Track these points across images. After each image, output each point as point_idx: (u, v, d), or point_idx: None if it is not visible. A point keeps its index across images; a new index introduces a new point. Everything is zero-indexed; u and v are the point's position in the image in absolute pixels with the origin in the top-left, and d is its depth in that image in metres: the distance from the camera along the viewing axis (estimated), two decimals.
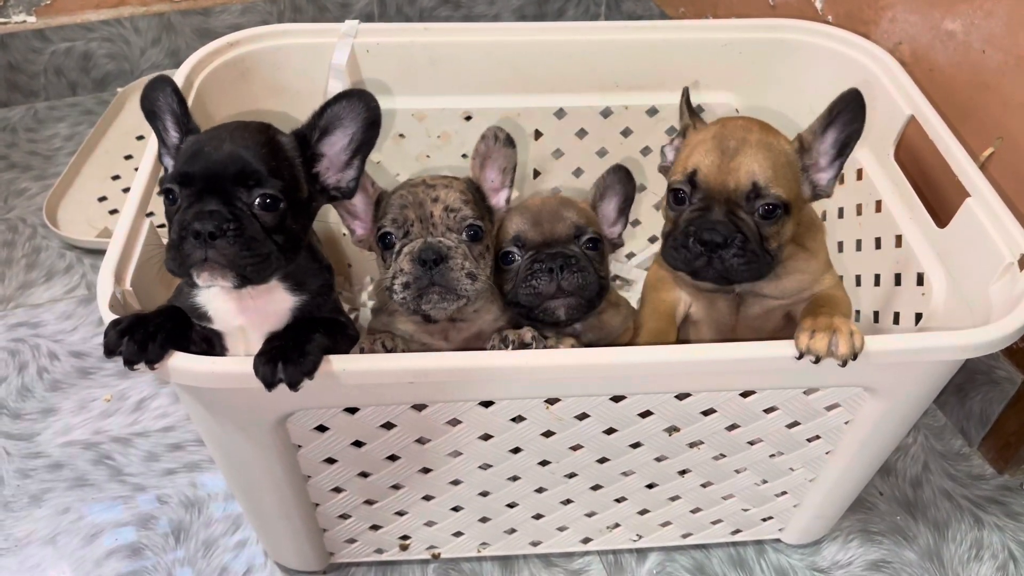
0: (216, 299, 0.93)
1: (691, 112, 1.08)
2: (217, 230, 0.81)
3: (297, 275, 0.95)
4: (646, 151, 1.43)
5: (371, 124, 0.94)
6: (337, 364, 0.83)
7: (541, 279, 1.00)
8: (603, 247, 1.08)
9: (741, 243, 0.93)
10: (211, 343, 0.93)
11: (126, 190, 1.74)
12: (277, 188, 0.85)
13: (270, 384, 0.80)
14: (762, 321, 1.06)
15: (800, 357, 0.86)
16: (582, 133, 1.40)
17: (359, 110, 0.93)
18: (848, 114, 0.98)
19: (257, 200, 0.85)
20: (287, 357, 0.81)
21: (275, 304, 0.94)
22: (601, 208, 1.14)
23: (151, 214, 0.99)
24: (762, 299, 1.04)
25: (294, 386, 0.81)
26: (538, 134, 1.39)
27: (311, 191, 0.93)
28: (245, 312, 0.93)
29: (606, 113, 1.39)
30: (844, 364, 0.86)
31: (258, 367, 0.81)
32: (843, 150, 1.00)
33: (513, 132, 1.37)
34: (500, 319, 1.06)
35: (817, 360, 0.86)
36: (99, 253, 1.64)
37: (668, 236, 0.99)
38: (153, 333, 0.81)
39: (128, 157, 1.83)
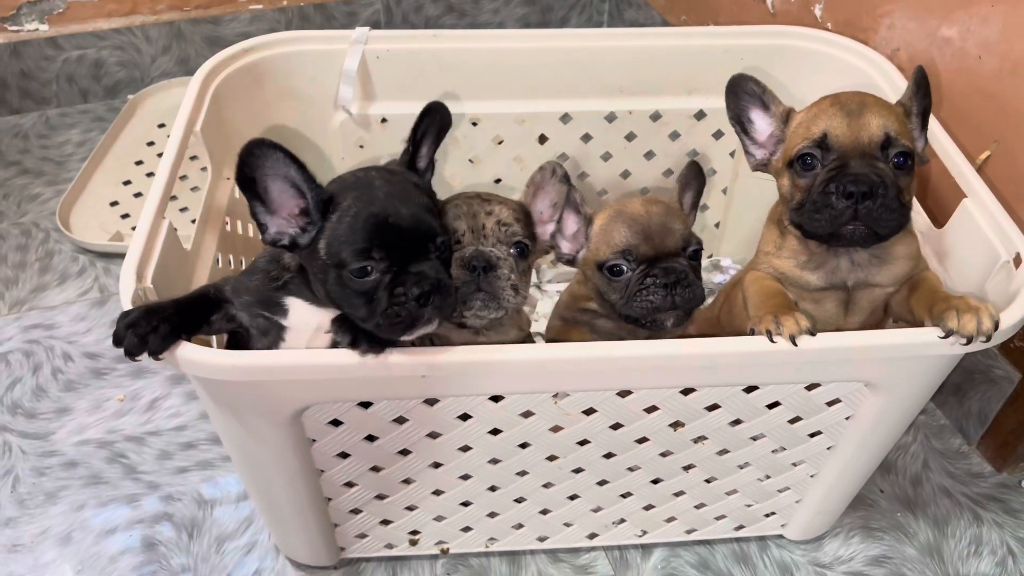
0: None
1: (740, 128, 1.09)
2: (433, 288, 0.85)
3: None
4: (649, 155, 1.46)
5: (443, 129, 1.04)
6: (352, 358, 0.86)
7: (656, 294, 1.01)
8: (701, 257, 1.09)
9: (884, 191, 0.93)
10: (236, 329, 0.95)
11: (137, 195, 1.77)
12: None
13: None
14: (869, 316, 1.05)
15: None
16: (587, 138, 1.43)
17: (438, 122, 1.02)
18: (924, 87, 1.03)
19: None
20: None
21: None
22: (683, 202, 1.16)
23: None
24: (872, 290, 1.04)
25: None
26: (544, 139, 1.42)
27: None
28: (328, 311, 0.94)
29: (610, 118, 1.41)
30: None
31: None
32: (925, 122, 1.04)
33: (518, 137, 1.41)
34: (518, 339, 1.07)
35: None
36: (112, 256, 1.66)
37: (802, 204, 0.99)
38: (156, 325, 0.83)
39: (139, 163, 1.86)
